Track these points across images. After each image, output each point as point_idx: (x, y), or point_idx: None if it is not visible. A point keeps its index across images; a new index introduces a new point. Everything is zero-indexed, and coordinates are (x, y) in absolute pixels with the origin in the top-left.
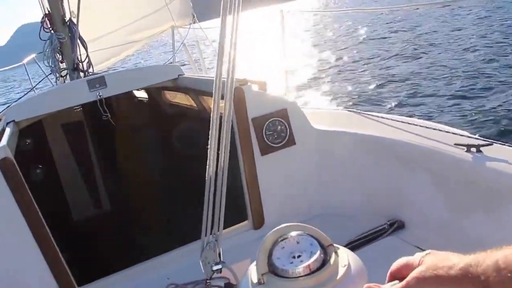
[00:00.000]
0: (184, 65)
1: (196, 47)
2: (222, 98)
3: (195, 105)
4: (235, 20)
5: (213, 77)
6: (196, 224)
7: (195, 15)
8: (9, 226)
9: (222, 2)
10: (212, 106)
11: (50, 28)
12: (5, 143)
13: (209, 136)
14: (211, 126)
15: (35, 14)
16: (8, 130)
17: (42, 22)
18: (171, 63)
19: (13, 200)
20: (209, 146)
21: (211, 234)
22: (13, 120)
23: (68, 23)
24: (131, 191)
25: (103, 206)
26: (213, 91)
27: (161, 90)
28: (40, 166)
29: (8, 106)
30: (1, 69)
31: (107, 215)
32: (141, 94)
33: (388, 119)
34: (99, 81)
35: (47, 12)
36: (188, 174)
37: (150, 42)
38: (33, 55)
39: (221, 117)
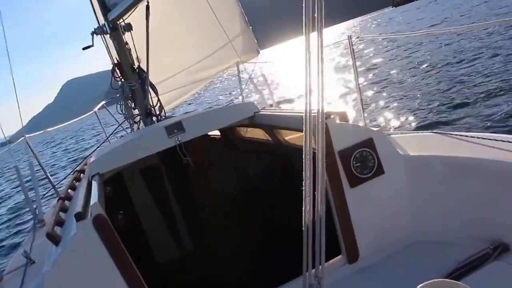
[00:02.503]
0: (252, 97)
1: (264, 80)
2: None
3: (270, 139)
4: (319, 50)
5: (290, 112)
6: (287, 262)
7: (259, 50)
8: (106, 280)
9: (304, 35)
10: (304, 143)
11: (121, 77)
12: (96, 200)
13: (303, 173)
14: (304, 163)
15: (79, 69)
16: (95, 184)
17: (112, 72)
18: (240, 100)
19: (107, 254)
20: (303, 183)
21: (313, 269)
22: (98, 173)
23: (137, 70)
24: (212, 229)
25: (185, 247)
26: (304, 127)
27: (235, 126)
28: (121, 212)
29: (89, 156)
30: (73, 120)
31: (190, 255)
32: (215, 132)
33: (479, 138)
34: (176, 127)
35: (116, 62)
36: (267, 208)
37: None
38: (102, 103)
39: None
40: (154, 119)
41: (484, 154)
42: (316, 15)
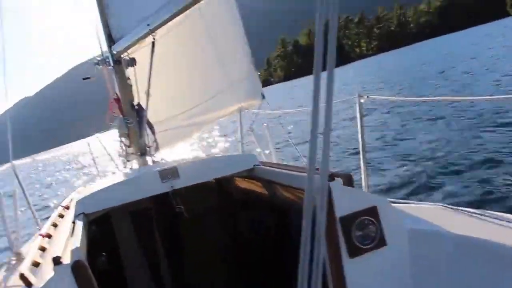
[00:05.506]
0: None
1: (266, 130)
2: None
3: (267, 192)
4: (329, 105)
5: (291, 169)
6: None
7: (264, 95)
8: None
9: (313, 87)
10: (304, 206)
11: (117, 113)
12: (78, 243)
13: (301, 238)
14: (304, 227)
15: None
16: (79, 225)
17: (110, 106)
18: (242, 150)
19: None
20: (301, 249)
21: None
22: (83, 213)
23: (136, 107)
24: (197, 278)
25: None
26: (306, 190)
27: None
28: (104, 253)
29: (75, 191)
30: (63, 146)
31: None
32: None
33: (490, 216)
34: (171, 172)
35: (116, 96)
36: (258, 262)
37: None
38: (97, 135)
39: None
40: (148, 159)
41: (493, 235)
42: (329, 57)
